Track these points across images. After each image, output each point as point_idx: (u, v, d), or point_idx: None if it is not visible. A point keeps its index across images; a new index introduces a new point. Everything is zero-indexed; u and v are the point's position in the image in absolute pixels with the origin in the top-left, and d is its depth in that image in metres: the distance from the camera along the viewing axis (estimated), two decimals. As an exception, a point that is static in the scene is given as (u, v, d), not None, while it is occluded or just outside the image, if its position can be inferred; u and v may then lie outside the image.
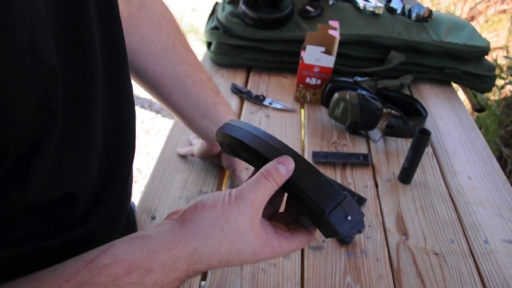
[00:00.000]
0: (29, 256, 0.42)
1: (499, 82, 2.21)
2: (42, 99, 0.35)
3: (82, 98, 0.42)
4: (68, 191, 0.42)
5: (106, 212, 0.50)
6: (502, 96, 2.26)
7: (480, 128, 1.79)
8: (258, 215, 0.44)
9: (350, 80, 1.04)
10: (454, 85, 1.28)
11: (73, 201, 0.44)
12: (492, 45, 2.19)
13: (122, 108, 0.51)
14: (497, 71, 2.14)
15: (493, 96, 2.25)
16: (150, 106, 2.41)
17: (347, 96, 0.97)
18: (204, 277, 0.69)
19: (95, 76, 0.44)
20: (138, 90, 0.75)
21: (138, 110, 2.39)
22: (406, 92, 1.19)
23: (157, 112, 2.39)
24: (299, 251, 0.73)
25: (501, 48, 2.67)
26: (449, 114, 1.13)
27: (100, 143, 0.46)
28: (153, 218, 0.76)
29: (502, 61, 2.45)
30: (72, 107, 0.40)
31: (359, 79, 1.05)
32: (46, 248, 0.43)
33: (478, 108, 1.40)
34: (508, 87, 2.28)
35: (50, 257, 0.40)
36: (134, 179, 2.01)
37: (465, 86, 1.28)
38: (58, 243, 0.44)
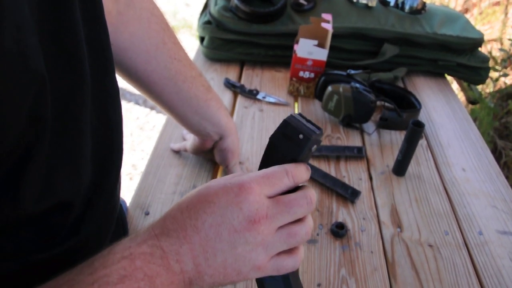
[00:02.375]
0: (22, 271, 0.41)
1: (493, 74, 2.21)
2: (31, 109, 0.34)
3: (71, 104, 0.41)
4: (62, 200, 0.42)
5: (97, 217, 0.50)
6: (497, 88, 2.26)
7: (474, 120, 1.80)
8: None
9: (344, 73, 1.04)
10: (449, 78, 1.28)
11: (67, 210, 0.43)
12: (486, 37, 2.19)
13: (108, 112, 0.50)
14: (491, 63, 2.14)
15: (487, 88, 2.25)
16: (144, 102, 2.40)
17: (341, 89, 0.97)
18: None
19: (84, 81, 0.43)
20: (132, 87, 0.75)
21: (133, 106, 2.38)
22: (400, 84, 1.19)
23: (152, 108, 2.38)
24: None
25: (495, 40, 2.67)
26: (443, 106, 1.13)
27: (90, 150, 0.46)
28: (147, 213, 0.76)
29: (496, 53, 2.45)
30: (61, 114, 0.39)
31: (352, 72, 1.05)
32: (40, 261, 0.42)
33: (472, 100, 1.41)
34: (503, 79, 2.28)
35: (43, 271, 0.40)
36: (129, 176, 2.01)
37: (459, 78, 1.28)
38: (52, 254, 0.43)
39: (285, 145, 0.44)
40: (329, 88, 0.99)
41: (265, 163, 0.45)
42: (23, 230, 0.40)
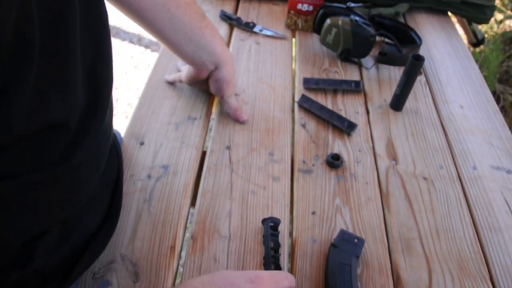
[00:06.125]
0: (17, 191, 0.41)
1: (497, 16, 2.16)
2: (16, 25, 0.33)
3: (59, 25, 0.40)
4: (54, 121, 0.41)
5: (91, 141, 0.50)
6: (500, 31, 2.21)
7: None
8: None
9: (343, 6, 1.01)
10: (453, 20, 1.24)
11: (60, 131, 0.43)
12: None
13: (97, 37, 0.49)
14: (498, 4, 2.08)
15: (491, 31, 2.20)
16: (139, 41, 2.35)
17: (340, 22, 0.94)
18: (193, 204, 0.69)
19: (71, 2, 0.41)
20: (127, 25, 0.72)
21: (127, 45, 2.32)
22: (401, 20, 1.15)
23: (146, 47, 2.32)
24: (289, 174, 0.73)
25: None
26: (444, 43, 1.10)
27: (81, 72, 0.45)
28: (142, 143, 0.75)
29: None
30: (49, 34, 0.38)
31: (352, 5, 1.01)
32: (33, 182, 0.42)
33: (475, 42, 1.37)
34: (507, 22, 2.23)
35: (36, 193, 0.41)
36: (125, 114, 2.00)
37: (462, 16, 1.24)
38: (46, 176, 0.43)
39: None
40: (328, 21, 0.95)
41: None
42: (17, 149, 0.39)
